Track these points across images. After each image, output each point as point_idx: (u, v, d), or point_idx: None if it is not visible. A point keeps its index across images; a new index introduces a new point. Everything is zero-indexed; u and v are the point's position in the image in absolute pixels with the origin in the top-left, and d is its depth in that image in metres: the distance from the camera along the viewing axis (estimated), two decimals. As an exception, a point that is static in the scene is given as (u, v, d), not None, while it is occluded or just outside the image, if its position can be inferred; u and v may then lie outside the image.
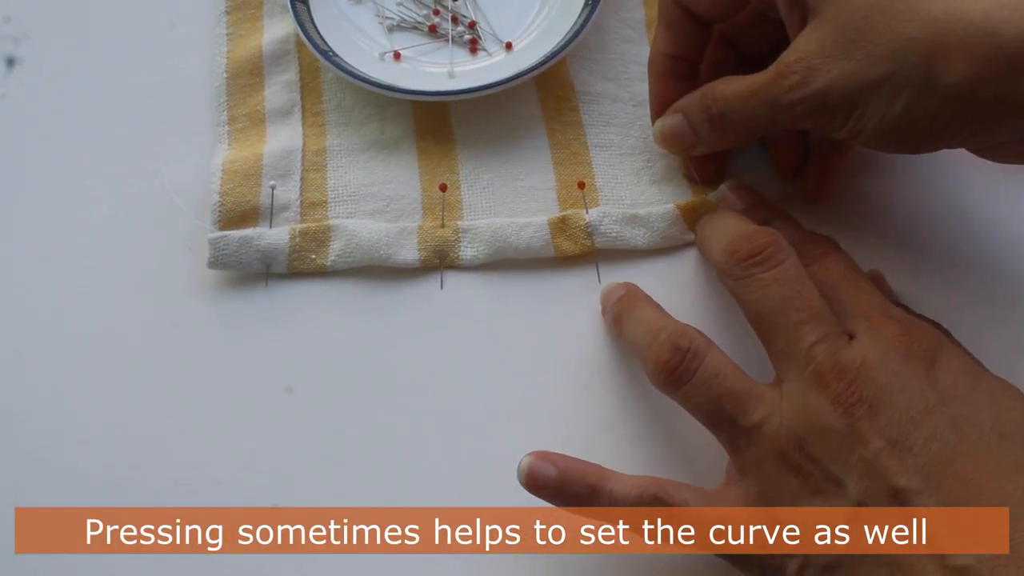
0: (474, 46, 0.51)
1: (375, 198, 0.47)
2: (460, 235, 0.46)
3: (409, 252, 0.46)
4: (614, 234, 0.46)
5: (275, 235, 0.46)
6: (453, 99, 0.48)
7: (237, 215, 0.46)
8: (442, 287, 0.46)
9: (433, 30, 0.52)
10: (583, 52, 0.51)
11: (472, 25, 0.52)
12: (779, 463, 0.35)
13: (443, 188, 0.47)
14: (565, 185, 0.48)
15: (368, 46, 0.51)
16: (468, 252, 0.46)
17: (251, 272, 0.46)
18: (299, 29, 0.49)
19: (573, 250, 0.45)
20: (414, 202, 0.47)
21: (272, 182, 0.47)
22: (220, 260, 0.45)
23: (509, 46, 0.51)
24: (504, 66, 0.50)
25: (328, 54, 0.49)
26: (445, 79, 0.50)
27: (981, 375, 0.36)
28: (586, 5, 0.50)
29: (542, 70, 0.48)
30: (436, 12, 0.52)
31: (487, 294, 0.45)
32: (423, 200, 0.47)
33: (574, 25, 0.50)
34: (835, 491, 0.34)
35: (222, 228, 0.46)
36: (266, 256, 0.46)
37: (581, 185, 0.47)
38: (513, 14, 0.52)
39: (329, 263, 0.46)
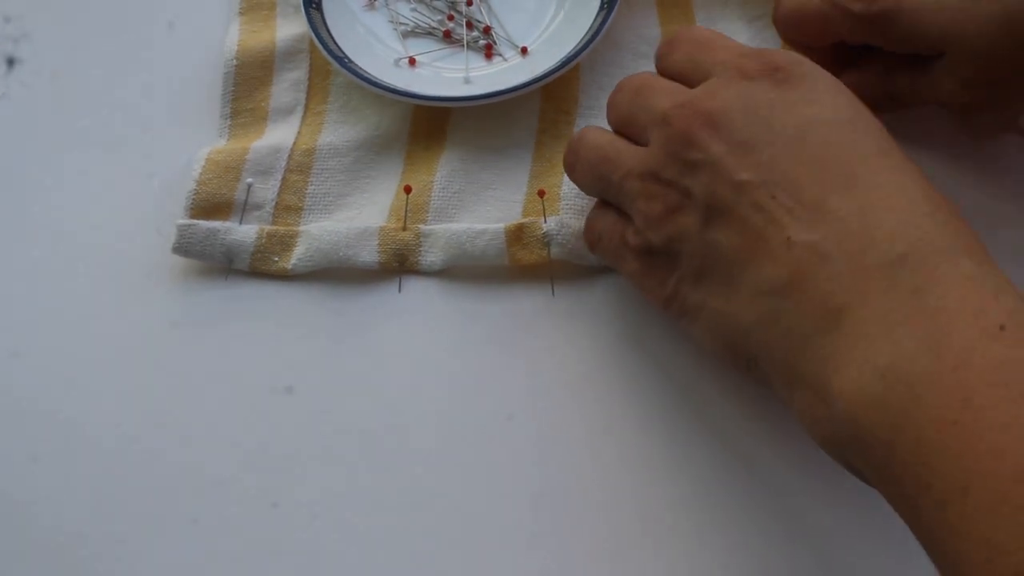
0: (489, 51, 0.51)
1: (349, 207, 0.47)
2: (421, 239, 0.46)
3: (369, 254, 0.45)
4: (570, 246, 0.44)
5: (243, 232, 0.46)
6: (459, 105, 0.48)
7: (211, 206, 0.46)
8: (400, 291, 0.45)
9: (448, 35, 0.52)
10: (596, 65, 0.51)
11: (487, 30, 0.52)
12: (644, 200, 0.38)
13: (407, 190, 0.46)
14: (533, 198, 0.47)
15: (383, 52, 0.51)
16: (427, 258, 0.45)
17: (214, 265, 0.46)
18: (314, 36, 0.49)
19: (529, 259, 0.44)
20: (383, 206, 0.47)
21: (250, 179, 0.47)
22: (184, 247, 0.45)
23: (524, 51, 0.51)
24: (519, 70, 0.49)
25: (343, 60, 0.49)
26: (461, 84, 0.50)
27: (843, 90, 0.36)
28: (601, 8, 0.50)
29: (547, 81, 0.48)
30: (450, 17, 0.52)
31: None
32: (392, 203, 0.47)
33: (588, 30, 0.49)
34: (688, 203, 0.36)
35: (193, 217, 0.46)
36: (230, 251, 0.46)
37: (541, 193, 0.46)
38: (528, 18, 0.52)
39: (290, 267, 0.45)
